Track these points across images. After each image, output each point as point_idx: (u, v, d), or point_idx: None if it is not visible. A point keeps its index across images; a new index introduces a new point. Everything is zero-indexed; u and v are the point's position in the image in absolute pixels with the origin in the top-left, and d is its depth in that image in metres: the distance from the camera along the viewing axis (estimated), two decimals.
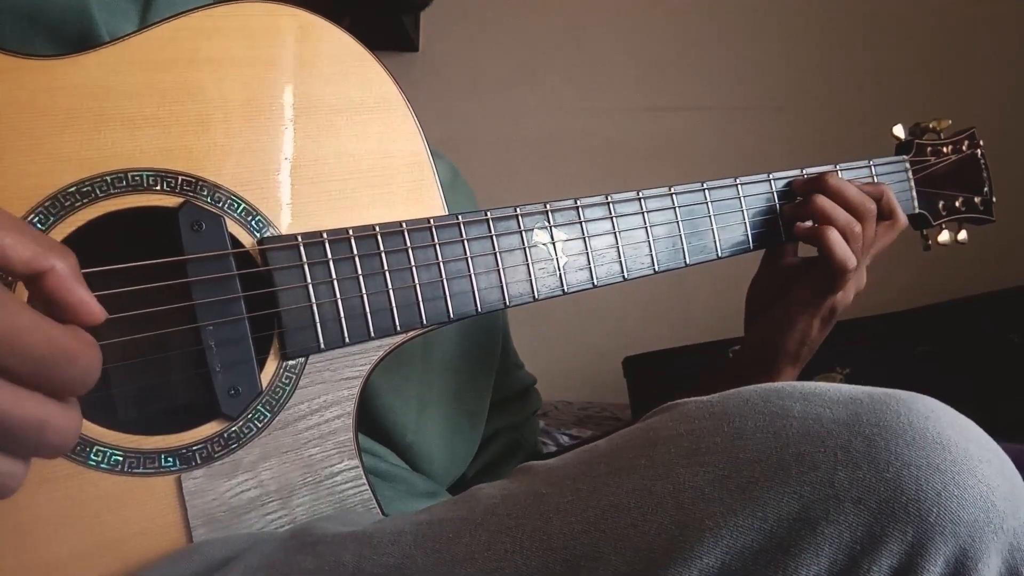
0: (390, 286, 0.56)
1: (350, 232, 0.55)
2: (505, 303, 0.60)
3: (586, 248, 0.64)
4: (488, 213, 0.60)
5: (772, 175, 0.75)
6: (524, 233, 0.62)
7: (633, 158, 1.87)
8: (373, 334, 0.55)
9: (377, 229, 0.56)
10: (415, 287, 0.57)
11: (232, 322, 0.51)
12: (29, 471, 0.37)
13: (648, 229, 0.67)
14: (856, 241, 0.72)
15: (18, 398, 0.35)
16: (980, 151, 0.89)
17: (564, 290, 0.63)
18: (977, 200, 0.89)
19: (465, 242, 0.59)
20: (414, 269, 0.57)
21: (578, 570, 0.41)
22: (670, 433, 0.45)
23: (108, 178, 0.49)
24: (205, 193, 0.52)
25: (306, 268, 0.53)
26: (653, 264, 0.68)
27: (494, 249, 0.60)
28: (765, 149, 1.80)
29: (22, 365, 0.34)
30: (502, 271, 0.60)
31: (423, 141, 0.59)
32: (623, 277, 0.66)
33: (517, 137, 1.88)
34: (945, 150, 0.87)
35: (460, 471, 0.76)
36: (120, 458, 0.48)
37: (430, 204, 0.59)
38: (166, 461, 0.49)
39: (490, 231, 0.60)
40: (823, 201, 0.72)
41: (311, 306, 0.53)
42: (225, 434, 0.51)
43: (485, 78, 1.89)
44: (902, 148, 0.87)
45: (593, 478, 0.44)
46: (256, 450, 0.52)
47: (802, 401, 0.43)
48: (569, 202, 0.64)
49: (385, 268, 0.56)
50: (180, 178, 0.51)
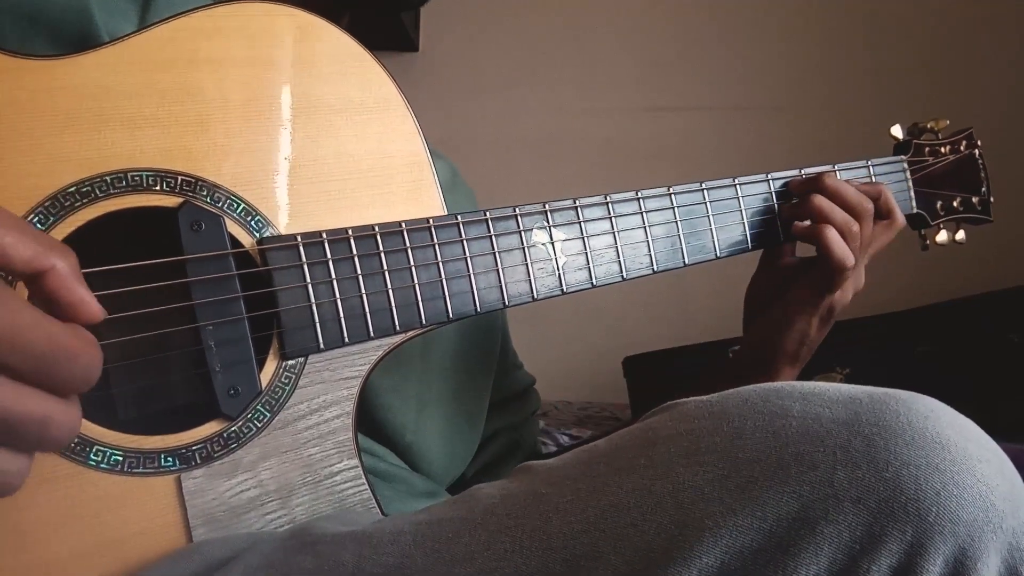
0: (389, 286, 0.56)
1: (349, 232, 0.55)
2: (504, 303, 0.60)
3: (585, 248, 0.64)
4: (487, 213, 0.60)
5: (770, 175, 0.75)
6: (523, 233, 0.62)
7: (633, 158, 1.87)
8: (372, 334, 0.55)
9: (376, 229, 0.56)
10: (414, 287, 0.57)
11: (232, 322, 0.51)
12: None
13: (647, 229, 0.67)
14: (854, 240, 0.72)
15: (20, 394, 0.35)
16: (978, 151, 0.89)
17: (563, 290, 0.63)
18: (975, 200, 0.89)
19: (464, 242, 0.59)
20: (413, 269, 0.57)
21: (578, 570, 0.41)
22: (670, 433, 0.45)
23: (108, 178, 0.49)
24: (204, 193, 0.52)
25: (305, 268, 0.53)
26: (652, 264, 0.68)
27: (493, 249, 0.60)
28: (765, 149, 1.80)
29: (23, 362, 0.34)
30: (501, 271, 0.60)
31: (422, 141, 0.59)
32: (622, 277, 0.66)
33: (517, 137, 1.88)
34: (943, 150, 0.87)
35: (459, 471, 0.76)
36: (120, 458, 0.48)
37: (429, 204, 0.59)
38: (166, 461, 0.49)
39: (489, 231, 0.60)
40: (821, 201, 0.72)
41: (310, 306, 0.53)
42: (225, 434, 0.51)
43: (485, 78, 1.88)
44: (900, 148, 0.87)
45: (593, 478, 0.44)
46: (256, 450, 0.52)
47: (801, 401, 0.43)
48: (568, 202, 0.64)
49: (384, 268, 0.56)
50: (179, 178, 0.51)
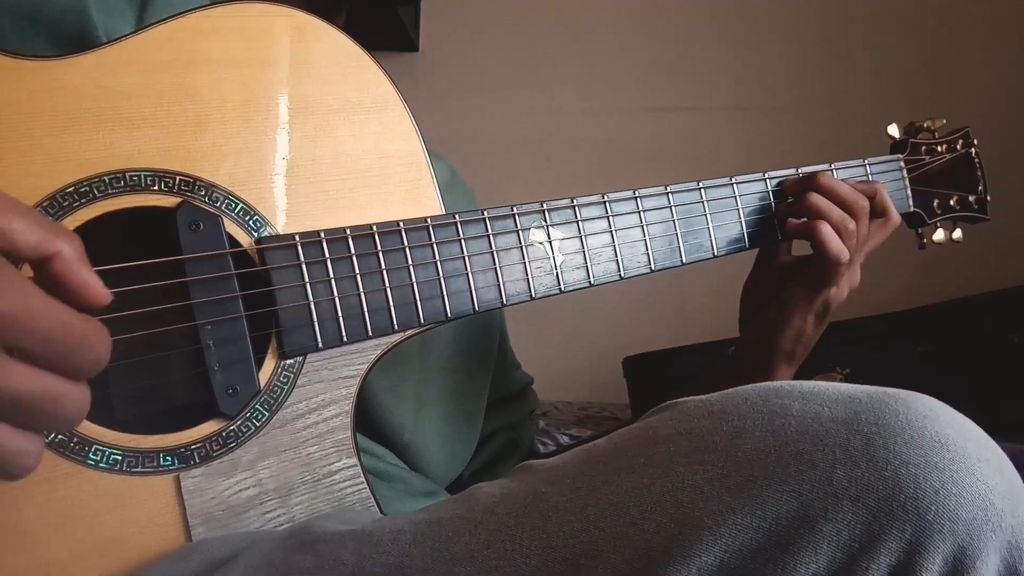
0: (387, 285, 0.56)
1: (347, 231, 0.55)
2: (502, 302, 0.61)
3: (583, 247, 0.64)
4: (485, 212, 0.60)
5: (767, 174, 0.75)
6: (521, 232, 0.62)
7: (633, 158, 1.86)
8: (371, 333, 0.55)
9: (374, 228, 0.56)
10: (412, 286, 0.57)
11: (230, 321, 0.51)
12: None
13: (644, 228, 0.67)
14: (850, 238, 0.73)
15: (36, 375, 0.35)
16: (974, 150, 0.89)
17: (561, 289, 0.63)
18: (972, 199, 0.89)
19: (462, 241, 0.59)
20: (411, 268, 0.57)
21: (577, 568, 0.41)
22: (669, 432, 0.45)
23: (106, 178, 0.49)
24: (203, 193, 0.52)
25: (304, 267, 0.54)
26: (650, 263, 0.68)
27: (491, 248, 0.60)
28: (765, 149, 1.80)
29: (37, 346, 0.35)
30: (499, 270, 0.60)
31: (420, 141, 0.59)
32: (620, 276, 0.66)
33: (517, 137, 1.88)
34: (939, 149, 0.87)
35: (458, 471, 0.76)
36: (119, 457, 0.48)
37: (427, 204, 0.59)
38: (165, 460, 0.49)
39: (487, 230, 0.60)
40: (817, 199, 0.73)
41: (309, 305, 0.53)
42: (223, 433, 0.51)
43: (485, 78, 1.88)
44: (897, 147, 0.87)
45: (592, 477, 0.44)
46: (254, 449, 0.52)
47: (801, 400, 0.43)
48: (565, 201, 0.64)
49: (383, 267, 0.56)
50: (178, 178, 0.51)
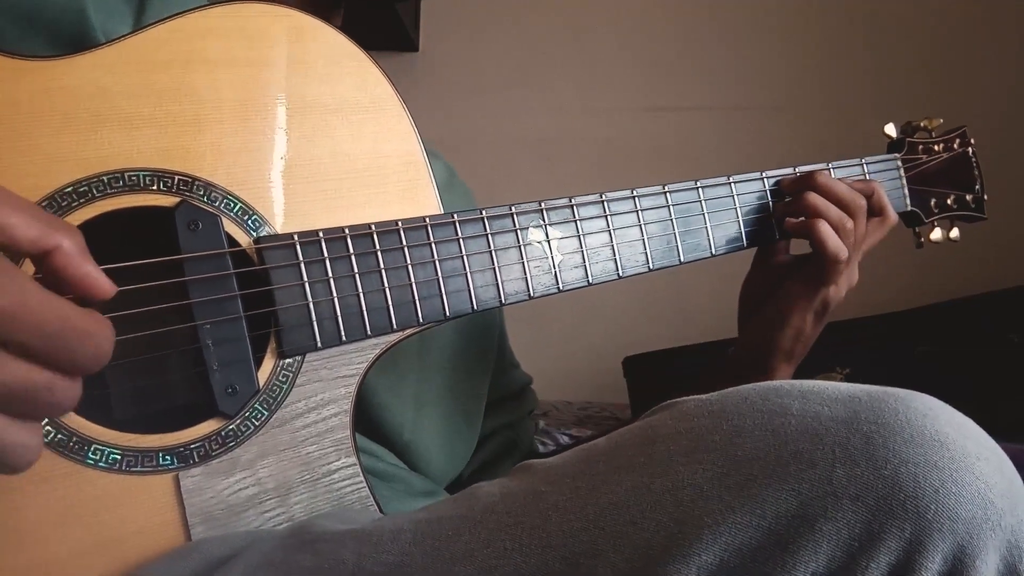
0: (386, 284, 0.56)
1: (346, 231, 0.55)
2: (501, 301, 0.61)
3: (581, 246, 0.64)
4: (483, 212, 0.60)
5: (765, 173, 0.75)
6: (519, 231, 0.62)
7: (633, 158, 1.86)
8: (370, 332, 0.55)
9: (373, 228, 0.56)
10: (411, 285, 0.57)
11: (229, 321, 0.51)
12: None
13: (642, 227, 0.68)
14: (848, 237, 0.73)
15: (30, 368, 0.35)
16: (971, 149, 0.89)
17: (559, 288, 0.63)
18: (969, 198, 0.89)
19: (461, 240, 0.59)
20: (410, 267, 0.57)
21: (577, 568, 0.41)
22: (669, 431, 0.45)
23: (105, 178, 0.49)
24: (201, 193, 0.52)
25: (302, 267, 0.54)
26: (648, 262, 0.68)
27: (489, 247, 0.60)
28: (765, 149, 1.80)
29: (32, 339, 0.34)
30: (498, 269, 0.60)
31: (418, 140, 0.60)
32: (618, 275, 0.66)
33: (517, 137, 1.88)
34: (936, 148, 0.87)
35: (458, 470, 0.76)
36: (118, 456, 0.48)
37: (425, 203, 0.59)
38: (164, 459, 0.49)
39: (485, 229, 0.60)
40: (814, 198, 0.73)
41: (308, 304, 0.53)
42: (223, 432, 0.51)
43: (485, 78, 1.88)
44: (894, 146, 0.87)
45: (592, 476, 0.44)
46: (254, 448, 0.52)
47: (800, 399, 0.43)
48: (564, 200, 0.64)
49: (381, 266, 0.56)
50: (176, 178, 0.51)
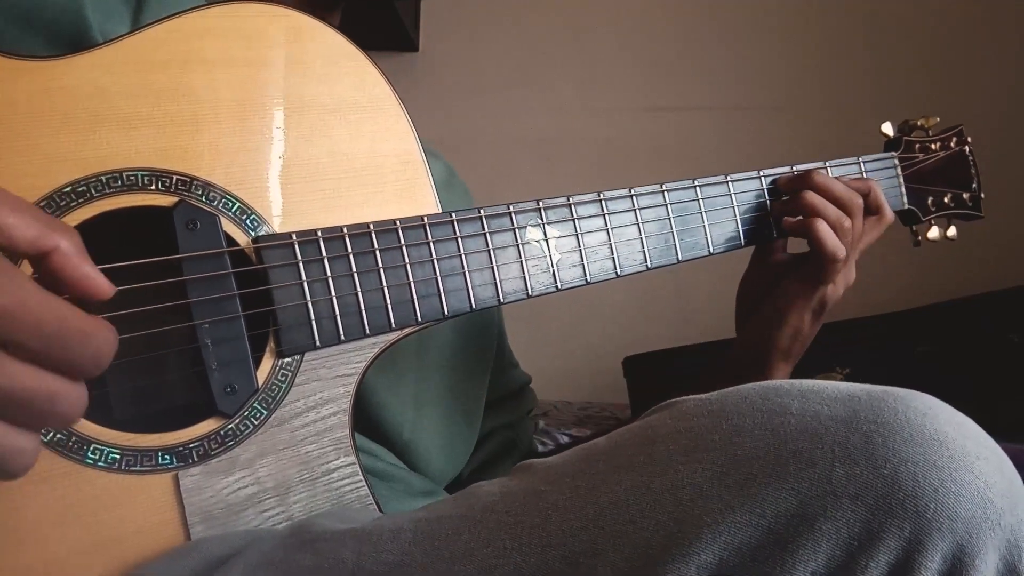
0: (384, 284, 0.56)
1: (344, 230, 0.55)
2: (499, 300, 0.61)
3: (579, 245, 0.64)
4: (481, 211, 0.60)
5: (762, 172, 0.75)
6: (517, 230, 0.62)
7: (633, 158, 1.86)
8: (368, 331, 0.55)
9: (371, 227, 0.56)
10: (409, 284, 0.57)
11: (228, 320, 0.51)
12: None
13: (640, 226, 0.68)
14: (846, 235, 0.73)
15: (27, 371, 0.35)
16: (968, 147, 0.89)
17: (558, 287, 0.63)
18: (966, 196, 0.89)
19: (459, 239, 0.59)
20: (408, 267, 0.57)
21: (577, 567, 0.41)
22: (669, 431, 0.45)
23: (103, 178, 0.49)
24: (200, 192, 0.52)
25: (301, 266, 0.54)
26: (646, 260, 0.68)
27: (488, 246, 0.60)
28: (765, 149, 1.80)
29: (31, 340, 0.34)
30: (496, 268, 0.60)
31: (416, 140, 0.60)
32: (616, 273, 0.66)
33: (517, 137, 1.88)
34: (933, 147, 0.87)
35: (457, 469, 0.76)
36: (117, 456, 0.48)
37: (423, 202, 0.59)
38: (163, 459, 0.49)
39: (483, 229, 0.60)
40: (812, 197, 0.73)
41: (306, 304, 0.53)
42: (222, 432, 0.51)
43: (485, 78, 1.88)
44: (891, 145, 0.87)
45: (592, 475, 0.44)
46: (253, 447, 0.52)
47: (800, 398, 0.43)
48: (562, 200, 0.64)
49: (380, 266, 0.56)
50: (175, 177, 0.51)
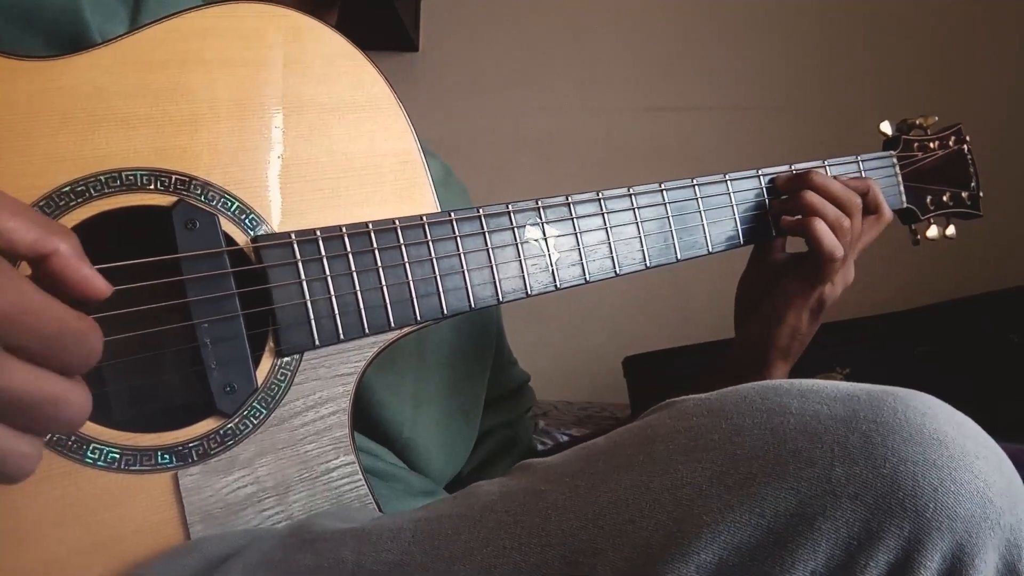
0: (384, 283, 0.56)
1: (343, 230, 0.55)
2: (498, 299, 0.61)
3: (578, 244, 0.64)
4: (480, 210, 0.60)
5: (761, 171, 0.75)
6: (516, 229, 0.62)
7: (633, 158, 1.87)
8: (367, 330, 0.55)
9: (370, 226, 0.56)
10: (408, 284, 0.57)
11: (227, 319, 0.51)
12: None
13: (639, 225, 0.68)
14: (844, 235, 0.73)
15: (32, 374, 0.35)
16: (967, 146, 0.89)
17: (557, 286, 0.63)
18: (964, 195, 0.89)
19: (458, 239, 0.59)
20: (407, 266, 0.57)
21: (576, 566, 0.41)
22: (668, 430, 0.45)
23: (102, 177, 0.49)
24: (198, 192, 0.52)
25: (300, 265, 0.54)
26: (645, 259, 0.68)
27: (487, 246, 0.60)
28: (765, 149, 1.80)
29: (33, 343, 0.35)
30: (495, 267, 0.60)
31: (415, 139, 0.60)
32: (615, 272, 0.66)
33: (517, 137, 1.88)
34: (932, 145, 0.87)
35: (457, 468, 0.76)
36: (117, 455, 0.48)
37: (422, 201, 0.59)
38: (162, 458, 0.49)
39: (482, 228, 0.60)
40: (811, 196, 0.73)
41: (305, 303, 0.53)
42: (221, 431, 0.51)
43: (485, 78, 1.88)
44: (889, 144, 0.87)
45: (591, 475, 0.44)
46: (252, 447, 0.52)
47: (799, 398, 0.43)
48: (560, 199, 0.64)
49: (379, 265, 0.56)
50: (174, 177, 0.51)
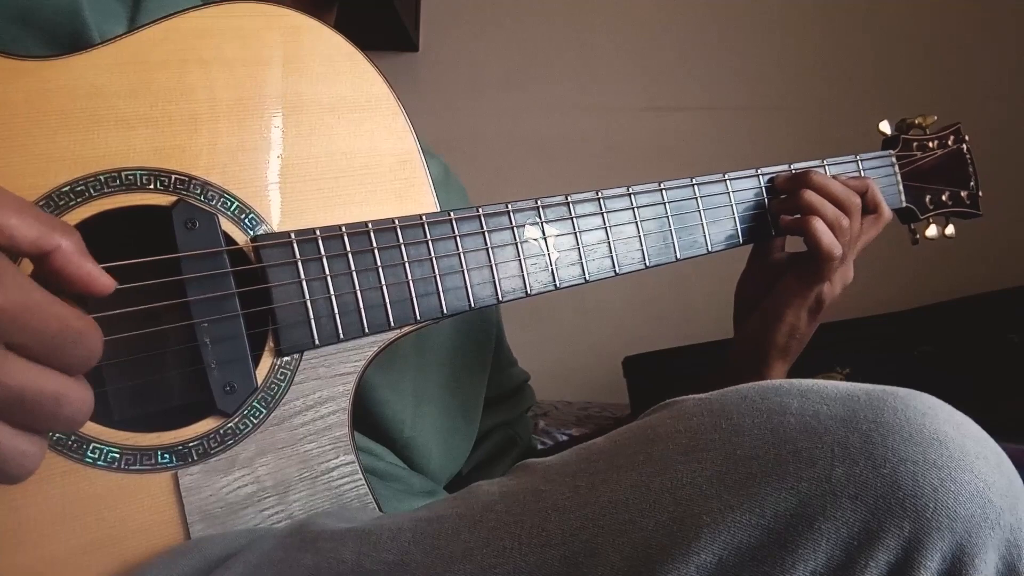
0: (383, 282, 0.56)
1: (343, 229, 0.55)
2: (498, 298, 0.61)
3: (577, 243, 0.64)
4: (480, 209, 0.60)
5: (760, 170, 0.75)
6: (515, 229, 0.62)
7: (633, 158, 1.87)
8: (367, 330, 0.55)
9: (370, 226, 0.56)
10: (408, 283, 0.57)
11: (226, 319, 0.51)
12: None
13: (638, 224, 0.68)
14: (843, 234, 0.73)
15: (33, 373, 0.35)
16: (966, 146, 0.89)
17: (556, 285, 0.63)
18: (963, 194, 0.89)
19: (457, 238, 0.59)
20: (407, 265, 0.57)
21: (576, 566, 0.41)
22: (668, 430, 0.45)
23: (102, 177, 0.49)
24: (198, 191, 0.52)
25: (300, 265, 0.54)
26: (644, 259, 0.68)
27: (486, 245, 0.60)
28: (765, 149, 1.80)
29: (34, 342, 0.35)
30: (494, 267, 0.60)
31: (414, 139, 0.60)
32: (615, 272, 0.66)
33: (517, 137, 1.88)
34: (931, 145, 0.87)
35: (457, 467, 0.76)
36: (117, 455, 0.48)
37: (422, 201, 0.59)
38: (163, 458, 0.49)
39: (482, 227, 0.60)
40: (810, 195, 0.73)
41: (305, 302, 0.53)
42: (221, 430, 0.51)
43: (485, 78, 1.89)
44: (888, 143, 0.87)
45: (591, 475, 0.44)
46: (252, 446, 0.52)
47: (800, 398, 0.43)
48: (560, 198, 0.64)
49: (378, 264, 0.56)
50: (173, 177, 0.51)
